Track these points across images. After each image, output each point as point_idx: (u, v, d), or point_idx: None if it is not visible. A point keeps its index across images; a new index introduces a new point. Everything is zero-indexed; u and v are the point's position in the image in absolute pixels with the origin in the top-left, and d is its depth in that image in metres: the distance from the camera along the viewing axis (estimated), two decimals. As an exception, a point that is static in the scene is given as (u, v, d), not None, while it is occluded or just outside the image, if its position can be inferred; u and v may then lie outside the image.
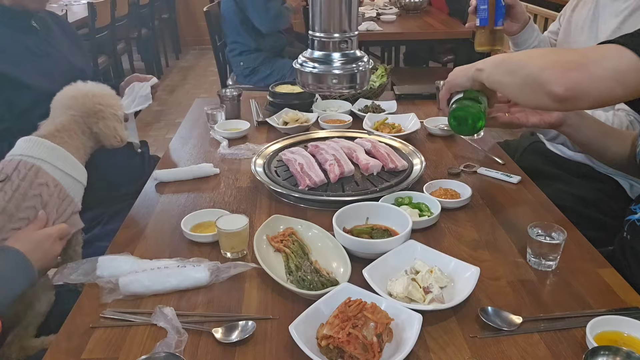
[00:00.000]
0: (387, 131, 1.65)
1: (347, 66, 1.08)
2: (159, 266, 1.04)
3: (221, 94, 1.86)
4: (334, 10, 1.02)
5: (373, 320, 0.83)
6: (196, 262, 1.05)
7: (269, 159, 1.47)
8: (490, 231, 1.18)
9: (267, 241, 1.13)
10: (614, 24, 1.53)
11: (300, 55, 1.12)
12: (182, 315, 0.94)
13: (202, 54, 6.85)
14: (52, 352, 0.88)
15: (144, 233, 1.20)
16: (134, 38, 5.30)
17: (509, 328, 0.89)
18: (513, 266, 1.06)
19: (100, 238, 1.59)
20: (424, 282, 0.97)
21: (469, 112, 1.12)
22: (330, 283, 0.98)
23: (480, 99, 1.13)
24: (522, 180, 1.39)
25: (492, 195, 1.33)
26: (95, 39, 3.91)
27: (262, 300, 0.98)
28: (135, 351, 0.87)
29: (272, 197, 1.35)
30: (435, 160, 1.52)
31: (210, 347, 0.88)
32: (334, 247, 1.09)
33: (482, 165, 1.46)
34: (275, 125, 1.73)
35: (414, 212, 1.22)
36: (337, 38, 1.05)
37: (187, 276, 1.01)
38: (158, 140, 4.02)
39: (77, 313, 0.96)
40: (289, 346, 0.85)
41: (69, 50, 1.68)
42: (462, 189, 1.31)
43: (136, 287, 0.99)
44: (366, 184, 1.34)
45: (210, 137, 1.71)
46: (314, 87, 1.11)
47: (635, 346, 0.82)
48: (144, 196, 1.37)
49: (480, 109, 1.12)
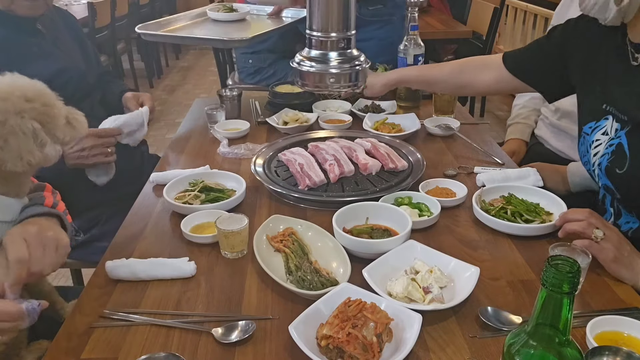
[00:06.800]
0: (387, 131, 1.65)
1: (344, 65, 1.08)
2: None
3: (221, 94, 1.86)
4: (331, 9, 1.02)
5: (373, 320, 0.83)
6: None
7: (269, 159, 1.47)
8: (490, 231, 1.18)
9: (267, 241, 1.13)
10: None
11: (297, 54, 1.12)
12: (182, 315, 0.94)
13: (202, 54, 6.85)
14: (51, 352, 0.88)
15: (144, 233, 1.20)
16: (134, 38, 5.30)
17: (509, 328, 0.89)
18: (513, 266, 1.06)
19: (99, 238, 1.60)
20: (423, 282, 0.97)
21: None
22: (330, 283, 0.98)
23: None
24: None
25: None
26: (95, 39, 3.91)
27: (262, 300, 0.98)
28: (135, 351, 0.87)
29: (272, 197, 1.35)
30: (435, 160, 1.52)
31: (210, 347, 0.88)
32: (334, 247, 1.09)
33: (480, 166, 1.47)
34: (275, 125, 1.73)
35: (414, 212, 1.22)
36: (334, 37, 1.05)
37: (174, 267, 1.04)
38: (158, 140, 4.02)
39: (77, 313, 0.96)
40: (289, 346, 0.85)
41: (75, 51, 1.68)
42: (458, 188, 1.32)
43: (123, 272, 1.03)
44: (366, 184, 1.33)
45: (210, 137, 1.71)
46: (312, 87, 1.11)
47: (635, 346, 0.82)
48: (144, 196, 1.37)
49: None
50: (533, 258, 1.08)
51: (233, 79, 3.46)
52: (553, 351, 0.63)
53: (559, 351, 0.63)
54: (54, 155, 0.97)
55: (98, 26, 3.96)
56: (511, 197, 1.24)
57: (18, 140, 0.91)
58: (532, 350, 0.64)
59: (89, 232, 1.62)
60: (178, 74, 6.07)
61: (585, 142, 1.20)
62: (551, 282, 0.59)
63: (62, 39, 1.64)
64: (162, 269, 1.04)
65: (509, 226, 1.15)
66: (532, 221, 1.17)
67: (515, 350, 0.65)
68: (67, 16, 1.76)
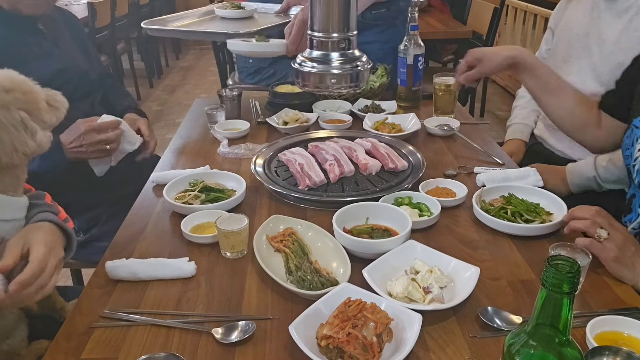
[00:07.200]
0: (387, 131, 1.65)
1: (345, 66, 1.07)
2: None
3: (221, 94, 1.86)
4: (332, 10, 1.02)
5: (373, 320, 0.83)
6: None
7: (269, 159, 1.47)
8: (490, 231, 1.18)
9: (267, 241, 1.13)
10: (619, 24, 1.53)
11: (298, 55, 1.12)
12: (182, 315, 0.94)
13: (202, 54, 6.85)
14: (51, 352, 0.88)
15: (144, 233, 1.20)
16: (134, 38, 5.30)
17: (509, 328, 0.89)
18: (513, 266, 1.06)
19: (99, 238, 1.60)
20: (423, 282, 0.97)
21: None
22: (330, 283, 0.98)
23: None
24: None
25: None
26: (95, 38, 3.91)
27: (262, 300, 0.98)
28: (135, 351, 0.87)
29: (272, 197, 1.35)
30: (435, 160, 1.52)
31: (210, 347, 0.88)
32: (334, 247, 1.09)
33: (480, 166, 1.47)
34: (275, 125, 1.73)
35: (414, 212, 1.22)
36: (335, 38, 1.05)
37: (174, 267, 1.04)
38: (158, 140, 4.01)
39: (77, 313, 0.96)
40: (289, 346, 0.85)
41: (75, 51, 1.68)
42: (458, 188, 1.32)
43: (123, 272, 1.03)
44: (366, 184, 1.33)
45: (210, 137, 1.71)
46: (313, 87, 1.11)
47: (635, 346, 0.82)
48: (144, 196, 1.37)
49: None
50: (533, 258, 1.08)
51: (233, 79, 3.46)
52: (553, 351, 0.63)
53: (559, 351, 0.63)
54: (46, 142, 0.97)
55: (98, 26, 3.96)
56: (511, 197, 1.24)
57: (9, 134, 0.91)
58: (532, 350, 0.64)
59: (89, 232, 1.62)
60: (178, 74, 6.07)
61: (632, 135, 1.17)
62: (551, 282, 0.59)
63: (63, 38, 1.64)
64: (162, 269, 1.05)
65: (509, 226, 1.15)
66: (532, 221, 1.17)
67: (515, 350, 0.65)
68: (68, 16, 1.76)
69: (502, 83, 5.19)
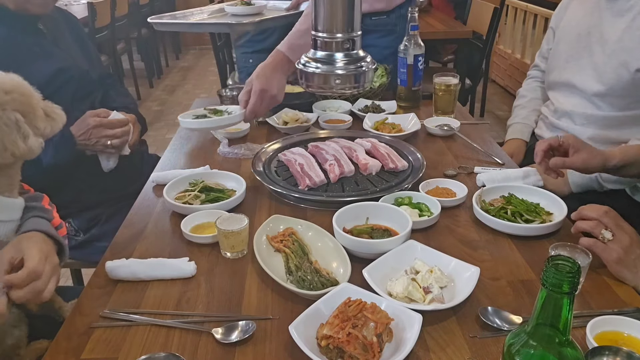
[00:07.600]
0: (387, 131, 1.65)
1: (350, 66, 1.07)
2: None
3: (221, 93, 1.86)
4: (336, 10, 1.02)
5: (373, 320, 0.83)
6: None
7: (269, 159, 1.47)
8: (490, 231, 1.18)
9: (267, 241, 1.13)
10: (621, 24, 1.53)
11: (302, 56, 1.12)
12: (182, 315, 0.94)
13: (202, 54, 6.86)
14: (51, 352, 0.88)
15: (144, 233, 1.20)
16: (134, 38, 5.30)
17: (509, 328, 0.89)
18: (513, 266, 1.06)
19: (99, 238, 1.60)
20: (424, 282, 0.97)
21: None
22: (330, 283, 0.98)
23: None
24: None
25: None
26: (95, 38, 3.91)
27: (262, 300, 0.98)
28: (135, 351, 0.87)
29: (272, 197, 1.35)
30: (435, 160, 1.52)
31: (210, 347, 0.88)
32: (334, 247, 1.09)
33: (480, 166, 1.47)
34: (275, 125, 1.73)
35: (414, 212, 1.22)
36: (340, 38, 1.05)
37: (174, 267, 1.04)
38: (158, 140, 4.02)
39: (77, 313, 0.96)
40: (289, 346, 0.85)
41: (76, 51, 1.68)
42: (458, 188, 1.32)
43: (123, 272, 1.03)
44: (366, 184, 1.33)
45: (210, 137, 1.71)
46: (317, 88, 1.11)
47: (635, 346, 0.82)
48: (144, 196, 1.37)
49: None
50: (533, 258, 1.08)
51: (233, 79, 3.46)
52: (553, 351, 0.63)
53: (559, 351, 0.63)
54: (37, 147, 0.99)
55: (98, 26, 3.96)
56: (511, 197, 1.24)
57: (1, 132, 0.93)
58: (532, 350, 0.64)
59: (89, 232, 1.62)
60: (178, 74, 6.07)
61: None
62: (551, 282, 0.59)
63: (63, 38, 1.64)
64: (162, 269, 1.04)
65: (509, 226, 1.15)
66: (532, 221, 1.17)
67: (515, 350, 0.65)
68: (68, 16, 1.76)
69: (502, 83, 5.20)
